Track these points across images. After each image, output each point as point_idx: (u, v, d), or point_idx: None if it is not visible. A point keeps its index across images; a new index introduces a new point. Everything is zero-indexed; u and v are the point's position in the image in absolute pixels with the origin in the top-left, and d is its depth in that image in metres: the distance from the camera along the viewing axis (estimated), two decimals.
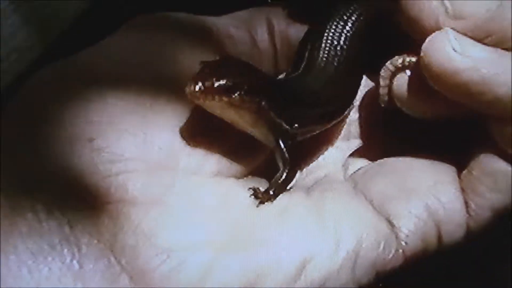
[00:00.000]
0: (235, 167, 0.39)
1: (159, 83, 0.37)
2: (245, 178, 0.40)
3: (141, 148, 0.35)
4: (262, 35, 0.42)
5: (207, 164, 0.37)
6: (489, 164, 0.37)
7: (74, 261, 0.32)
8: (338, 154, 0.44)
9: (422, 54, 0.36)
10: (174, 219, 0.35)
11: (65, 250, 0.32)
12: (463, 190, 0.38)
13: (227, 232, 0.36)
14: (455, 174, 0.39)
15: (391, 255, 0.36)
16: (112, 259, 0.33)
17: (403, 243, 0.37)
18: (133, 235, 0.33)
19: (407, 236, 0.37)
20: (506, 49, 0.35)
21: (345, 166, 0.43)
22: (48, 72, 0.38)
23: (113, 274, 0.32)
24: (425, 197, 0.37)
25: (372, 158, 0.42)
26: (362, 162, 0.42)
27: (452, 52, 0.34)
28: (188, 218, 0.35)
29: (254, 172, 0.40)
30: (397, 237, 0.37)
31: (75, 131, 0.34)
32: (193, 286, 0.33)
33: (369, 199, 0.39)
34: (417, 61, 0.37)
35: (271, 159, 0.40)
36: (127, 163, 0.34)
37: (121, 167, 0.34)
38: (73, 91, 0.35)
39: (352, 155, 0.44)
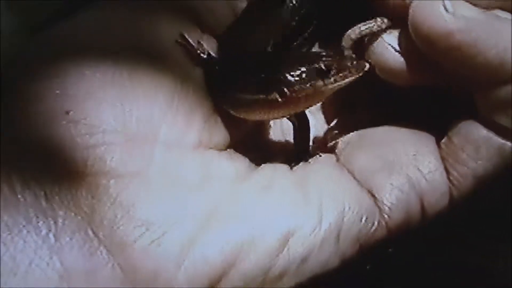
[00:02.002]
0: (217, 138, 0.39)
1: (137, 54, 0.36)
2: (227, 150, 0.39)
3: (119, 119, 0.34)
4: (241, 7, 0.41)
5: (187, 135, 0.37)
6: (471, 131, 0.37)
7: (50, 234, 0.32)
8: (319, 125, 0.44)
9: (411, 14, 0.35)
10: (153, 192, 0.34)
11: (41, 223, 0.32)
12: (444, 159, 0.37)
13: (209, 206, 0.35)
14: (435, 143, 0.38)
15: (374, 228, 0.36)
16: (90, 232, 0.32)
17: (385, 216, 0.36)
18: (112, 207, 0.33)
19: (390, 209, 0.36)
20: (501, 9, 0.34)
21: (326, 137, 0.42)
22: (24, 47, 0.37)
23: (90, 247, 0.32)
24: (406, 169, 0.37)
25: (352, 128, 0.42)
26: (342, 132, 0.42)
27: (445, 12, 0.34)
28: (169, 191, 0.35)
29: (235, 144, 0.40)
30: (380, 210, 0.37)
31: (52, 104, 0.34)
32: (173, 260, 0.33)
33: (351, 172, 0.38)
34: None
35: (252, 130, 0.40)
36: (105, 135, 0.34)
37: (99, 139, 0.34)
38: (49, 64, 0.35)
39: (332, 126, 0.43)
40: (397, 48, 0.37)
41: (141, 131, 0.35)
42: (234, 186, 0.37)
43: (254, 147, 0.41)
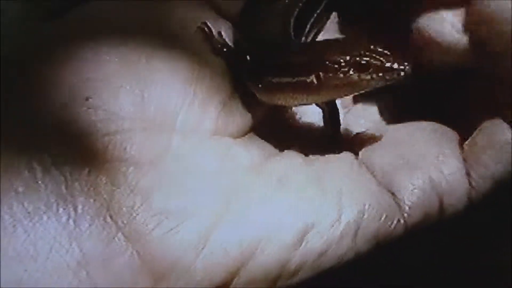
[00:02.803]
0: (233, 126, 0.38)
1: (154, 40, 0.36)
2: (243, 137, 0.39)
3: (138, 106, 0.34)
4: None
5: (204, 122, 0.37)
6: (495, 133, 0.37)
7: (70, 221, 0.31)
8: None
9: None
10: (171, 181, 0.34)
11: (61, 210, 0.31)
12: (465, 160, 0.37)
13: (226, 197, 0.35)
14: (458, 144, 0.38)
15: (393, 226, 0.36)
16: (109, 219, 0.32)
17: (405, 214, 0.36)
18: (131, 195, 0.33)
19: (410, 208, 0.37)
20: None
21: (347, 132, 0.42)
22: (39, 31, 0.37)
23: (109, 234, 0.32)
24: (428, 170, 0.37)
25: (374, 123, 0.42)
26: (363, 127, 0.42)
27: None
28: (186, 180, 0.35)
29: (251, 131, 0.40)
30: (400, 208, 0.37)
31: (71, 90, 0.34)
32: (191, 249, 0.33)
33: (371, 170, 0.38)
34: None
35: (268, 118, 0.40)
36: (124, 122, 0.34)
37: (118, 126, 0.33)
38: (67, 49, 0.35)
39: (353, 119, 0.43)
40: (457, 25, 0.38)
41: (159, 118, 0.35)
42: (251, 176, 0.37)
43: (270, 134, 0.40)
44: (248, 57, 0.40)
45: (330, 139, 0.42)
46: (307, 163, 0.39)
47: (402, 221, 0.36)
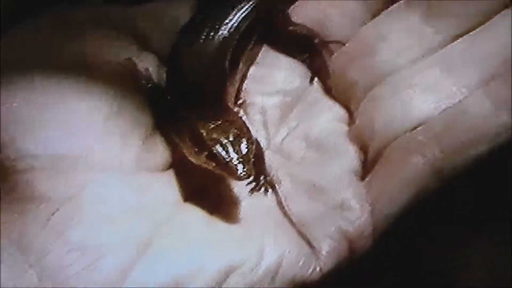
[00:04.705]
0: (157, 159, 0.39)
1: (67, 77, 0.36)
2: (165, 172, 0.39)
3: (51, 144, 0.34)
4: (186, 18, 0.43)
5: (124, 158, 0.37)
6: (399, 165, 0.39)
7: None
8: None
9: None
10: (88, 218, 0.34)
11: None
12: (369, 193, 0.39)
13: (147, 232, 0.35)
14: (360, 182, 0.40)
15: (309, 272, 0.38)
16: (19, 255, 0.32)
17: (321, 263, 0.38)
18: (43, 231, 0.33)
19: (325, 256, 0.38)
20: None
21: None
22: None
23: (20, 271, 0.32)
24: (335, 219, 0.39)
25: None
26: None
27: None
28: (104, 217, 0.34)
29: (175, 163, 0.40)
30: (316, 256, 0.38)
31: None
32: (109, 286, 0.33)
33: (290, 217, 0.40)
34: None
35: None
36: (34, 160, 0.34)
37: (27, 164, 0.33)
38: None
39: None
40: None
41: (74, 156, 0.35)
42: (174, 213, 0.37)
43: (194, 168, 0.40)
44: (168, 97, 0.41)
45: (255, 179, 0.41)
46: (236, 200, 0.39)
47: (317, 268, 0.38)
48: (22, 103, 0.35)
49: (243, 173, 0.36)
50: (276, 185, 0.42)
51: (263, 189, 0.41)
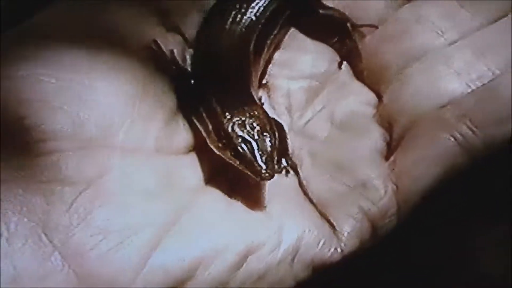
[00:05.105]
0: (179, 142, 0.38)
1: (96, 56, 0.36)
2: (187, 154, 0.39)
3: (75, 126, 0.34)
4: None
5: (147, 140, 0.37)
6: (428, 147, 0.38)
7: (2, 239, 0.31)
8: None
9: None
10: (111, 200, 0.34)
11: None
12: (394, 172, 0.38)
13: (169, 215, 0.35)
14: (384, 161, 0.40)
15: (329, 253, 0.37)
16: (44, 237, 0.32)
17: (342, 244, 0.37)
18: (67, 214, 0.33)
19: (345, 237, 0.38)
20: None
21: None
22: None
23: (44, 253, 0.32)
24: (358, 199, 0.38)
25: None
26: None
27: None
28: (127, 199, 0.34)
29: (196, 146, 0.40)
30: (337, 237, 0.37)
31: (7, 110, 0.34)
32: (131, 268, 0.33)
33: (311, 197, 0.39)
34: None
35: None
36: (60, 142, 0.34)
37: (53, 146, 0.33)
38: (5, 68, 0.34)
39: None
40: None
41: (98, 138, 0.35)
42: (196, 195, 0.37)
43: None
44: (192, 81, 0.40)
45: (277, 162, 0.40)
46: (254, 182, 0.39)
47: (338, 249, 0.37)
48: (48, 85, 0.35)
49: (267, 174, 0.36)
50: (297, 165, 0.41)
51: (284, 171, 0.41)
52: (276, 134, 0.38)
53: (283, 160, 0.41)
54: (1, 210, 0.32)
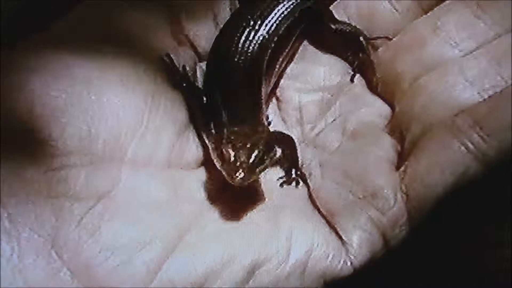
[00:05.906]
0: (189, 156, 0.38)
1: (106, 70, 0.36)
2: (197, 169, 0.39)
3: (85, 142, 0.34)
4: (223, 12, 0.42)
5: (156, 154, 0.37)
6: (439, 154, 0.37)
7: (14, 255, 0.31)
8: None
9: None
10: (120, 215, 0.34)
11: (5, 244, 0.32)
12: (404, 182, 0.38)
13: (177, 229, 0.35)
14: (394, 170, 0.39)
15: (339, 267, 0.37)
16: (54, 254, 0.32)
17: (351, 256, 0.37)
18: (76, 230, 0.33)
19: (355, 249, 0.37)
20: None
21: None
22: None
23: (53, 269, 0.32)
24: (366, 209, 0.38)
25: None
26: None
27: None
28: (135, 214, 0.35)
29: (205, 161, 0.40)
30: (346, 250, 0.37)
31: (17, 123, 0.34)
32: (139, 282, 0.33)
33: (320, 210, 0.39)
34: None
35: None
36: (69, 158, 0.34)
37: (63, 161, 0.34)
38: (16, 81, 0.35)
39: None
40: None
41: (108, 153, 0.35)
42: (204, 210, 0.37)
43: None
44: (204, 98, 0.40)
45: (286, 173, 0.41)
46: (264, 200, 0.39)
47: (348, 261, 0.37)
48: (58, 100, 0.35)
49: (238, 179, 0.36)
50: (307, 176, 0.41)
51: (293, 183, 0.41)
52: (276, 149, 0.38)
53: (293, 171, 0.41)
54: (12, 226, 0.32)
